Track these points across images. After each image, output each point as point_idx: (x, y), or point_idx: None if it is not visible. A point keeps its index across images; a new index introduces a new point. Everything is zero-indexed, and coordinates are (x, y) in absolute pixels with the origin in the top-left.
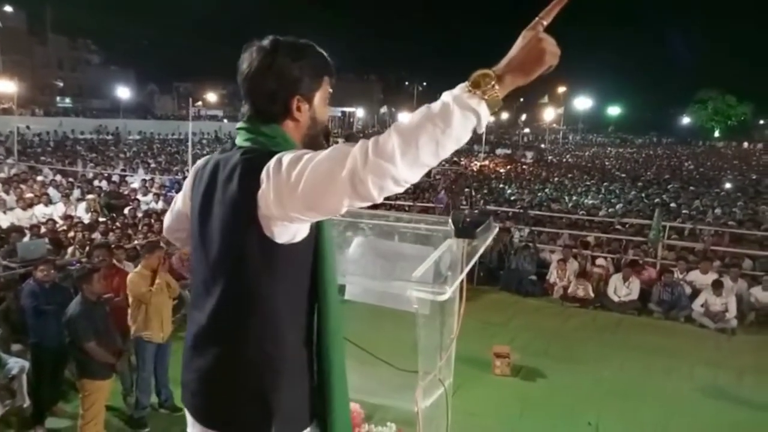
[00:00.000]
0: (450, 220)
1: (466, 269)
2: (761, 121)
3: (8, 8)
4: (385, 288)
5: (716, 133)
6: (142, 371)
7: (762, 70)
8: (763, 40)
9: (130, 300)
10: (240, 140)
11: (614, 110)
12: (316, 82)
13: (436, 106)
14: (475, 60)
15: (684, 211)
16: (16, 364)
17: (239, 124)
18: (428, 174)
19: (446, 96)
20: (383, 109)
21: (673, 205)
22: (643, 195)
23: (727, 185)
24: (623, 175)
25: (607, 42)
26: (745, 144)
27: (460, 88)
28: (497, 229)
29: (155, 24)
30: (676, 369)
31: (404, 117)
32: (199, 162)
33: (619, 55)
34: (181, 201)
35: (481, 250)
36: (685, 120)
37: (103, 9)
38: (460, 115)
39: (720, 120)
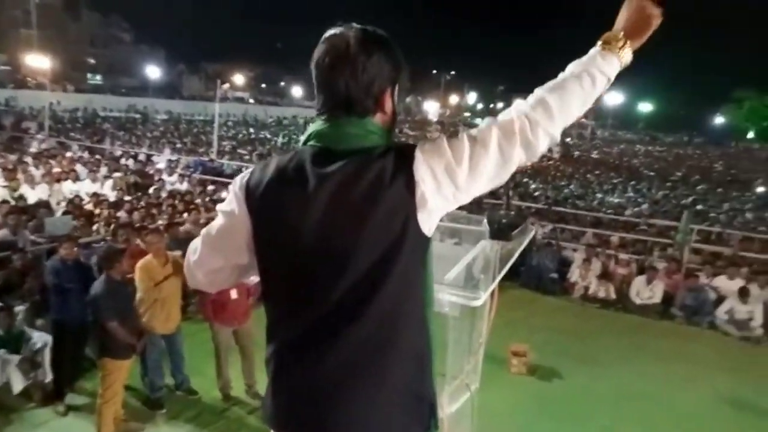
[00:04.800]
0: (485, 221)
1: (501, 274)
2: None
3: None
4: None
5: (751, 135)
6: (152, 354)
7: None
8: None
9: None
10: (346, 142)
11: (645, 107)
12: (399, 74)
13: (580, 71)
14: (505, 50)
15: (712, 214)
16: (40, 338)
17: (324, 122)
18: None
19: (590, 61)
20: (409, 99)
21: (700, 207)
22: (671, 195)
23: (760, 189)
24: (652, 174)
25: None
26: None
27: (598, 53)
28: (534, 232)
29: (186, 3)
30: (696, 376)
31: (431, 106)
32: (257, 177)
33: (652, 50)
34: (230, 229)
35: (516, 254)
36: (719, 120)
37: None
38: (601, 79)
39: (756, 121)
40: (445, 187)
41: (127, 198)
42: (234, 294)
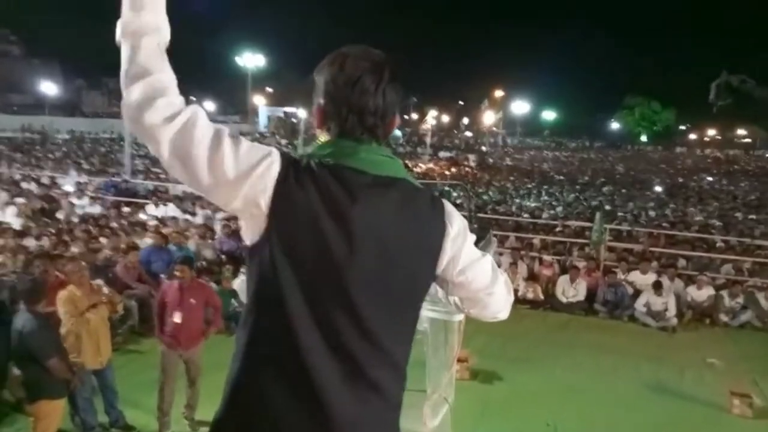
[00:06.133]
0: None
1: None
2: (681, 127)
3: None
4: None
5: (643, 138)
6: (82, 392)
7: (682, 78)
8: (684, 49)
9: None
10: (379, 167)
11: (549, 115)
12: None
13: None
14: (417, 64)
15: (620, 214)
16: None
17: (346, 141)
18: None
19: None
20: None
21: (608, 207)
22: (582, 197)
23: (658, 188)
24: (561, 178)
25: (541, 48)
26: (678, 149)
27: None
28: (495, 244)
29: (81, 14)
30: (622, 366)
31: None
32: (289, 176)
33: (553, 61)
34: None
35: None
36: (614, 125)
37: None
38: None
39: (646, 125)
40: (457, 242)
41: (33, 225)
42: (177, 318)
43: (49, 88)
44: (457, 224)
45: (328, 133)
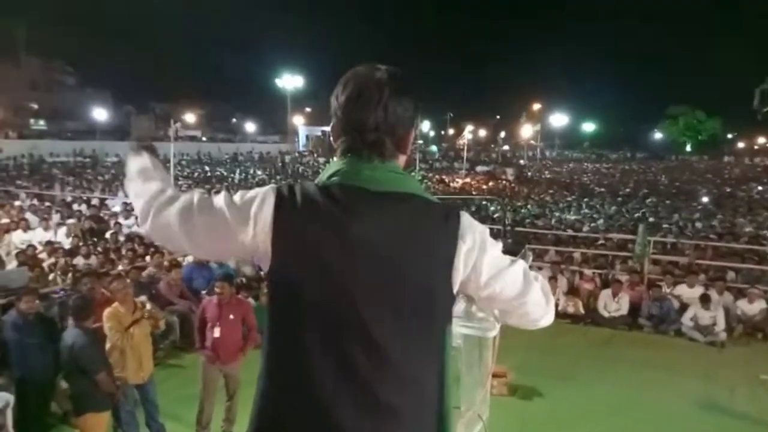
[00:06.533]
0: None
1: None
2: (728, 136)
3: None
4: None
5: (688, 148)
6: (125, 405)
7: (728, 86)
8: (730, 58)
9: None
10: (382, 183)
11: (589, 126)
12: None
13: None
14: (453, 79)
15: (665, 225)
16: (1, 398)
17: (351, 161)
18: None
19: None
20: None
21: (652, 219)
22: (624, 210)
23: (704, 199)
24: (602, 190)
25: (580, 60)
26: (726, 158)
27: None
28: (531, 259)
29: (131, 45)
30: (669, 383)
31: None
32: (288, 205)
33: (591, 72)
34: (241, 225)
35: None
36: (657, 135)
37: (77, 29)
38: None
39: (691, 135)
40: (472, 256)
41: (82, 244)
42: (216, 333)
43: (100, 114)
44: (471, 238)
45: (339, 150)
